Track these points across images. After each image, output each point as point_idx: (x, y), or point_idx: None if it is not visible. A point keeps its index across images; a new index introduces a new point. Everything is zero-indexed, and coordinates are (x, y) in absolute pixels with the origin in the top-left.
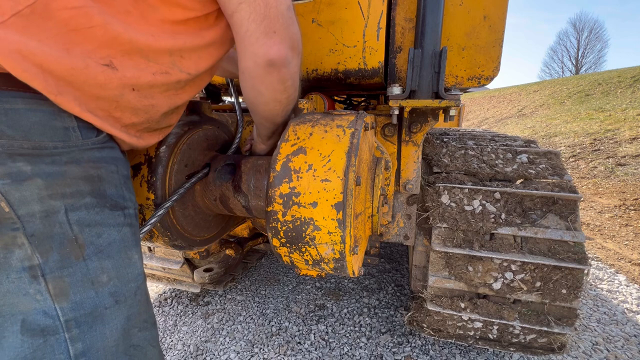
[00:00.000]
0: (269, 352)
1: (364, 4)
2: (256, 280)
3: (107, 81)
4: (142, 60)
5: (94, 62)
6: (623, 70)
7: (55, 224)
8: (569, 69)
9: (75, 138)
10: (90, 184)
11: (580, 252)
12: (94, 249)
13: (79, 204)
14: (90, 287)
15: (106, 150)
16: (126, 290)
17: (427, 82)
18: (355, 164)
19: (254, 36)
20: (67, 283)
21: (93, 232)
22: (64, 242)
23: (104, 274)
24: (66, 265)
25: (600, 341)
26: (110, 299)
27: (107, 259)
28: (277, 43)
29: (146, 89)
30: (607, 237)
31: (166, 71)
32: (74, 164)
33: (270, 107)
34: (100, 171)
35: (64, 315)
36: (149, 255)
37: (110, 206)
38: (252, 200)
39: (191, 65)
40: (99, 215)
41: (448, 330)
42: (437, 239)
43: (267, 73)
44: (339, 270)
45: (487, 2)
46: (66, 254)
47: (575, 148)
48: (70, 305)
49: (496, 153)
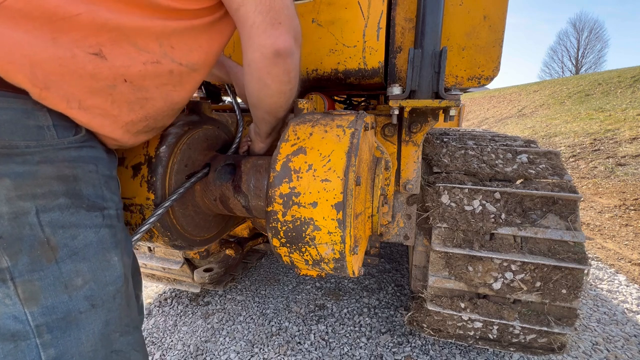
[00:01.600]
0: (269, 352)
1: (364, 4)
2: (256, 280)
3: (96, 71)
4: (132, 49)
5: (81, 51)
6: (623, 70)
7: (24, 226)
8: (569, 69)
9: (50, 137)
10: (65, 184)
11: (580, 252)
12: (68, 251)
13: (51, 205)
14: (63, 291)
15: (85, 149)
16: (104, 294)
17: (427, 82)
18: (355, 164)
19: (261, 27)
20: (37, 287)
21: (67, 234)
22: (34, 244)
23: (78, 277)
24: (37, 269)
25: (600, 341)
26: (86, 303)
27: (83, 262)
28: (283, 34)
29: (138, 80)
30: (607, 237)
31: (157, 60)
32: (47, 163)
33: (275, 99)
34: (76, 171)
35: (34, 320)
36: (149, 255)
37: (87, 207)
38: (252, 200)
39: (182, 56)
40: (74, 217)
41: (448, 330)
42: (437, 239)
43: (274, 64)
44: (339, 270)
45: (487, 2)
46: (37, 256)
47: (575, 148)
48: (40, 309)
49: (496, 153)
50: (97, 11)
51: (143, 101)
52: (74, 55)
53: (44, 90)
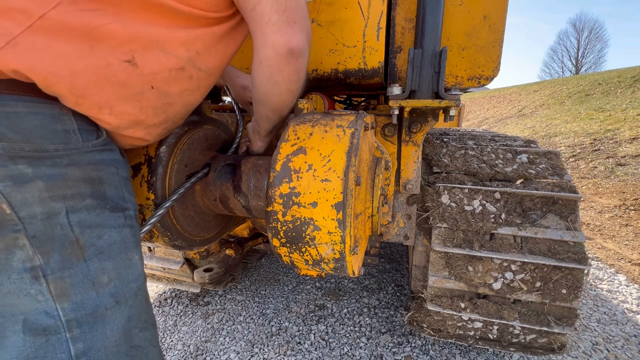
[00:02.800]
0: (269, 352)
1: (364, 4)
2: (256, 280)
3: (127, 79)
4: (161, 54)
5: (115, 59)
6: (623, 70)
7: (56, 226)
8: (569, 69)
9: (76, 141)
10: (91, 185)
11: (580, 252)
12: (95, 250)
13: (79, 206)
14: (91, 288)
15: (106, 152)
16: (127, 291)
17: (427, 82)
18: (355, 164)
19: (277, 25)
20: (68, 284)
21: (94, 234)
22: (65, 243)
23: (104, 274)
24: (67, 267)
25: (600, 341)
26: (111, 300)
27: (108, 260)
28: (297, 32)
29: (163, 86)
30: (607, 237)
31: (182, 67)
32: (75, 166)
33: (283, 97)
34: (100, 173)
35: (65, 315)
36: (149, 255)
37: (111, 208)
38: (252, 200)
39: (204, 61)
40: (100, 217)
41: (448, 330)
42: (437, 239)
43: (286, 62)
44: (339, 270)
45: (487, 2)
46: (67, 255)
47: (575, 148)
48: (71, 305)
49: (496, 153)
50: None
51: (166, 106)
52: (109, 65)
53: (80, 98)
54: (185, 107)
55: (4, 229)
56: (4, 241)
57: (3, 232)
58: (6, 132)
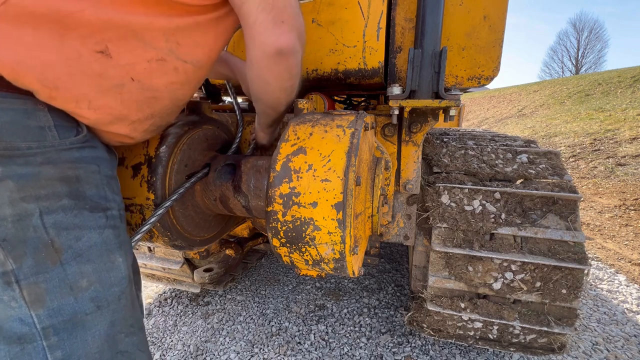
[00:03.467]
0: (269, 352)
1: (364, 4)
2: (256, 280)
3: (103, 70)
4: (138, 45)
5: (87, 49)
6: (623, 70)
7: (28, 228)
8: (569, 69)
9: (52, 138)
10: (68, 185)
11: (580, 252)
12: (73, 252)
13: (55, 206)
14: (69, 293)
15: (86, 149)
16: (109, 295)
17: (427, 82)
18: (355, 164)
19: (263, 25)
20: (43, 289)
21: (71, 236)
22: (38, 246)
23: (83, 278)
24: (42, 271)
25: (600, 341)
26: (91, 305)
27: (87, 263)
28: (285, 32)
29: (146, 79)
30: (607, 237)
31: (162, 58)
32: (50, 164)
33: (276, 95)
34: (78, 171)
35: (40, 322)
36: (149, 255)
37: (90, 208)
38: (252, 200)
39: (187, 53)
40: (78, 218)
41: (448, 330)
42: (437, 239)
43: (275, 62)
44: (339, 270)
45: (487, 2)
46: (41, 258)
47: (575, 148)
48: (47, 312)
49: (496, 153)
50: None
51: (152, 100)
52: (80, 56)
53: (53, 91)
54: (174, 102)
55: None
56: None
57: None
58: None
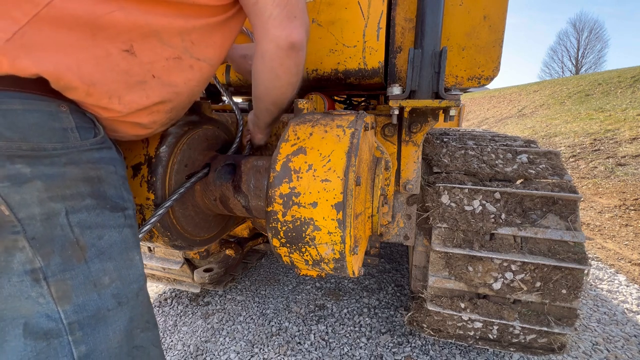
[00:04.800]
0: (269, 352)
1: (364, 4)
2: (256, 280)
3: (129, 67)
4: (157, 44)
5: (115, 48)
6: (623, 70)
7: (56, 227)
8: (569, 69)
9: (74, 139)
10: (90, 185)
11: (580, 252)
12: (96, 250)
13: (79, 206)
14: (93, 290)
15: (104, 150)
16: (128, 292)
17: (427, 82)
18: (355, 164)
19: (278, 19)
20: (69, 286)
21: (94, 234)
22: (65, 244)
23: (106, 275)
24: (68, 268)
25: (601, 341)
26: (113, 301)
27: (109, 261)
28: (297, 27)
29: (165, 76)
30: (607, 237)
31: (178, 56)
32: (73, 165)
33: (283, 90)
34: (99, 172)
35: (67, 318)
36: (149, 255)
37: (111, 207)
38: (252, 201)
39: (200, 51)
40: (100, 217)
41: (448, 330)
42: (437, 239)
43: (287, 56)
44: (339, 270)
45: (487, 2)
46: (68, 256)
47: (575, 148)
48: (73, 307)
49: (496, 153)
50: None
51: (173, 95)
52: (109, 54)
53: (90, 87)
54: (189, 98)
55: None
56: (3, 243)
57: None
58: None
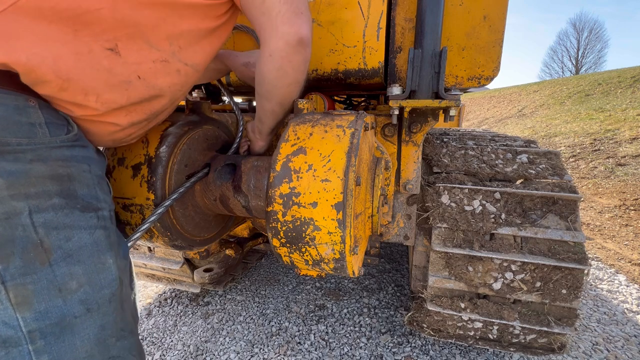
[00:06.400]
0: (269, 352)
1: (364, 4)
2: (256, 280)
3: (112, 66)
4: (144, 46)
5: (98, 46)
6: (623, 70)
7: (17, 227)
8: (569, 69)
9: (42, 135)
10: (59, 183)
11: (580, 252)
12: (62, 253)
13: (45, 205)
14: (57, 295)
15: (77, 148)
16: (99, 298)
17: (427, 82)
18: (355, 164)
19: (287, 16)
20: (30, 291)
21: (61, 236)
22: (27, 246)
23: (73, 280)
24: (30, 272)
25: (601, 341)
26: (81, 307)
27: (77, 264)
28: (304, 22)
29: (151, 78)
30: (607, 237)
31: (165, 59)
32: (40, 162)
33: (291, 88)
34: (70, 170)
35: (26, 325)
36: (149, 256)
37: (82, 207)
38: (252, 201)
39: (187, 56)
40: (69, 217)
41: (448, 330)
42: (437, 239)
43: (296, 52)
44: (339, 270)
45: (487, 2)
46: (30, 259)
47: (575, 148)
48: (33, 315)
49: (496, 153)
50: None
51: (155, 99)
52: (91, 51)
53: (65, 82)
54: (171, 102)
55: None
56: None
57: None
58: None
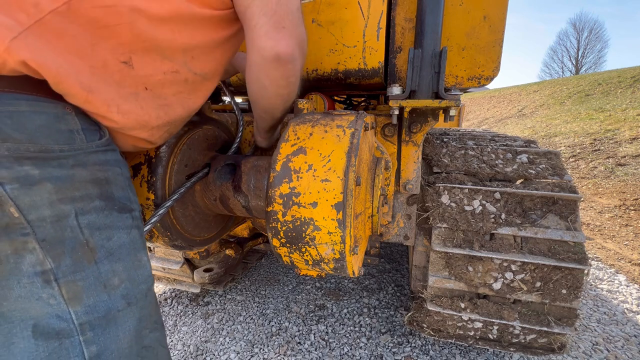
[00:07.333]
0: (269, 352)
1: (364, 4)
2: (256, 280)
3: (122, 79)
4: (158, 58)
5: (113, 59)
6: (623, 70)
7: (66, 228)
8: (569, 69)
9: (80, 141)
10: (99, 186)
11: (580, 252)
12: (105, 252)
13: (88, 208)
14: (103, 291)
15: (109, 152)
16: (137, 292)
17: (427, 82)
18: (355, 164)
19: (264, 29)
20: (80, 287)
21: (103, 235)
22: (75, 246)
23: (115, 276)
24: (79, 270)
25: (601, 341)
26: (123, 302)
27: (118, 262)
28: (285, 38)
29: (158, 89)
30: (607, 237)
31: (177, 70)
32: (81, 167)
33: (272, 101)
34: (107, 174)
35: (78, 318)
36: (148, 255)
37: (119, 209)
38: (252, 201)
39: (198, 66)
40: (108, 218)
41: (448, 330)
42: (437, 239)
43: (273, 68)
44: (339, 270)
45: (487, 2)
46: (78, 258)
47: (575, 148)
48: (84, 308)
49: (496, 153)
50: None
51: (165, 107)
52: (105, 65)
53: (89, 94)
54: (187, 111)
55: (13, 233)
56: (12, 245)
57: (11, 236)
58: (10, 132)
